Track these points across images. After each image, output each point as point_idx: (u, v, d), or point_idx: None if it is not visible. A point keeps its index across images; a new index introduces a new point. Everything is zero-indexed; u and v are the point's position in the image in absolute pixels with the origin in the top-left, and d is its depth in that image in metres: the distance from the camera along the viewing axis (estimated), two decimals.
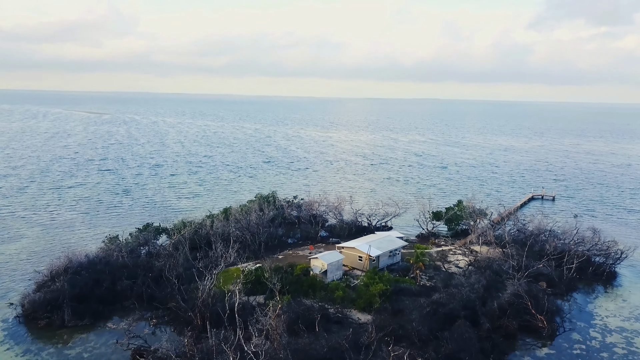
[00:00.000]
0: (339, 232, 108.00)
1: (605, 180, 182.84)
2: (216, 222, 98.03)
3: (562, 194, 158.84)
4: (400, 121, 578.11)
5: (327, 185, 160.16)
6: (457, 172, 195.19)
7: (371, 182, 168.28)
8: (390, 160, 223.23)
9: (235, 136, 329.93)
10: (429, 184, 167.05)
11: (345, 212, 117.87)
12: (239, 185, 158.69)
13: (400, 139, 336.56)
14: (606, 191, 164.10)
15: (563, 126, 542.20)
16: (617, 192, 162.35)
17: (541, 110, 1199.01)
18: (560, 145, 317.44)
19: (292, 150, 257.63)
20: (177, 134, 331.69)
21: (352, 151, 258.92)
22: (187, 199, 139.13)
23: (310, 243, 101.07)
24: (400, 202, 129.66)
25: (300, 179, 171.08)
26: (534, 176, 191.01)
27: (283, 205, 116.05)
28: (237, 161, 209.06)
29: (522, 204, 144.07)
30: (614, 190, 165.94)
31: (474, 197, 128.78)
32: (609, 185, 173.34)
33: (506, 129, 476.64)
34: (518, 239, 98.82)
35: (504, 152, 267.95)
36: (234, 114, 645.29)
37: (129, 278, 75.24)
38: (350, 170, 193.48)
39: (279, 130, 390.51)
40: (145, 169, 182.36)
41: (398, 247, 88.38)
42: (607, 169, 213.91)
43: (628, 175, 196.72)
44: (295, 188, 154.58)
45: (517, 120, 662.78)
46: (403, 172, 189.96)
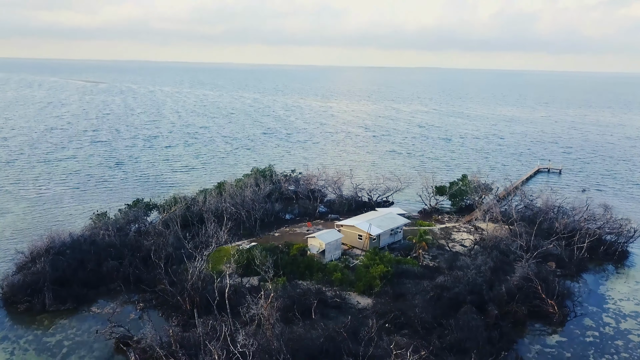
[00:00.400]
0: (338, 208, 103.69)
1: (614, 153, 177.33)
2: (209, 198, 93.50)
3: (569, 167, 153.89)
4: (402, 91, 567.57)
5: (326, 159, 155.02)
6: (462, 144, 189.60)
7: (372, 155, 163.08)
8: (392, 132, 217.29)
9: (234, 106, 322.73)
10: (432, 157, 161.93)
11: (345, 187, 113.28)
12: (236, 158, 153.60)
13: (402, 109, 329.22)
14: (615, 164, 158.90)
15: (568, 96, 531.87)
16: (627, 166, 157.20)
17: (545, 79, 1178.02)
18: (565, 115, 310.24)
19: (291, 121, 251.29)
20: (174, 104, 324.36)
21: (353, 122, 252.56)
22: (182, 172, 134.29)
23: (308, 220, 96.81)
24: (403, 176, 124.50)
25: (299, 152, 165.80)
26: (539, 148, 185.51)
27: (280, 179, 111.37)
28: (234, 132, 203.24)
29: (528, 178, 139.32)
30: (623, 163, 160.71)
31: (479, 171, 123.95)
32: (618, 158, 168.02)
33: (510, 99, 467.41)
34: (525, 215, 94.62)
35: (509, 123, 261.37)
36: (233, 83, 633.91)
37: (115, 258, 71.17)
38: (351, 142, 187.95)
39: (278, 100, 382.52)
40: (140, 141, 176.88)
41: (399, 225, 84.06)
42: (615, 141, 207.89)
43: (638, 148, 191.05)
44: (294, 161, 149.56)
45: (521, 89, 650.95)
46: (406, 145, 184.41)
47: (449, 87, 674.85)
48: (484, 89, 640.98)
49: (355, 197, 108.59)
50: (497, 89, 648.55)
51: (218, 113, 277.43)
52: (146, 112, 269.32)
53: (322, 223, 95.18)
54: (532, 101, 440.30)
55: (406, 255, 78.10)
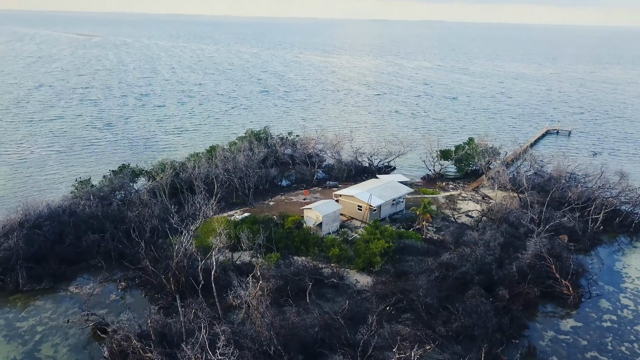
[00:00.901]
0: (337, 174, 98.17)
1: (626, 113, 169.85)
2: (199, 163, 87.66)
3: (579, 129, 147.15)
4: (405, 45, 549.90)
5: (326, 120, 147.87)
6: (468, 103, 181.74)
7: (374, 116, 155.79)
8: (395, 90, 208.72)
9: (231, 61, 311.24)
10: (437, 118, 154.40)
11: (345, 151, 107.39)
12: (231, 119, 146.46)
13: (405, 65, 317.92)
14: (628, 126, 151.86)
15: (576, 51, 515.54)
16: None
17: (552, 33, 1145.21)
18: (574, 72, 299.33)
19: (289, 77, 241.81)
20: (169, 59, 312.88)
21: (354, 79, 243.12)
22: (174, 134, 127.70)
23: (305, 187, 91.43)
24: (405, 139, 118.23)
25: (297, 112, 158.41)
26: (548, 108, 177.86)
27: (276, 143, 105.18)
28: (230, 90, 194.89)
29: (536, 140, 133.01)
30: (637, 124, 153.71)
31: (486, 134, 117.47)
32: (631, 119, 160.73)
33: (515, 54, 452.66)
34: (535, 183, 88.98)
35: (515, 80, 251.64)
36: (231, 37, 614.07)
37: (97, 232, 66.28)
38: (352, 101, 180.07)
39: (277, 55, 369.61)
40: (131, 99, 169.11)
41: (402, 194, 78.64)
42: (627, 100, 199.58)
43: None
44: (292, 122, 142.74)
45: (527, 44, 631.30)
46: (409, 104, 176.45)
47: (452, 42, 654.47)
48: (489, 44, 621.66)
49: (355, 162, 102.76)
50: (503, 44, 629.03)
51: (214, 69, 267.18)
52: (140, 68, 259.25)
53: (320, 191, 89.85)
54: (538, 56, 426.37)
55: (409, 227, 73.21)
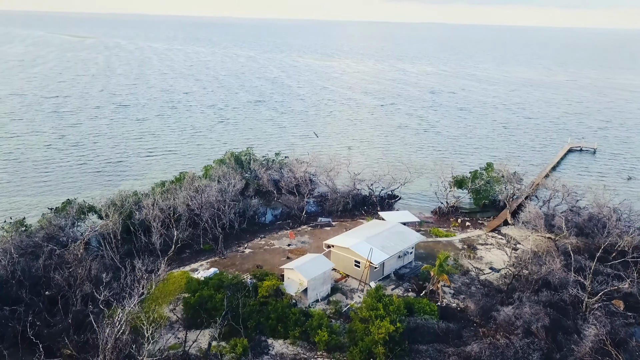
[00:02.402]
0: (331, 207, 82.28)
1: None
2: (160, 198, 71.79)
3: (604, 145, 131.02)
4: (408, 48, 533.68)
5: (321, 137, 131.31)
6: (481, 116, 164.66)
7: (377, 132, 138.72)
8: (400, 99, 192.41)
9: (225, 66, 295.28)
10: (447, 135, 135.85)
11: (341, 177, 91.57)
12: (216, 136, 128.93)
13: (409, 70, 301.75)
14: None
15: (584, 55, 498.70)
16: None
17: (557, 36, 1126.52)
18: (587, 79, 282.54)
19: (286, 84, 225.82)
20: (161, 63, 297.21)
21: (356, 86, 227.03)
22: (147, 157, 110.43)
23: (290, 228, 75.37)
24: (412, 163, 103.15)
25: (290, 127, 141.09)
26: (567, 120, 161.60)
27: (259, 168, 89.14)
28: (221, 100, 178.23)
29: (560, 159, 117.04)
30: None
31: (507, 157, 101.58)
32: None
33: (522, 58, 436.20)
34: (572, 223, 72.90)
35: (528, 88, 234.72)
36: (229, 39, 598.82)
37: (10, 302, 50.40)
38: (352, 113, 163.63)
39: (275, 59, 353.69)
40: (108, 111, 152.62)
41: (411, 244, 62.63)
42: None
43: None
44: (283, 139, 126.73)
45: (533, 48, 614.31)
46: (416, 117, 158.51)
47: (456, 45, 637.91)
48: (493, 47, 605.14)
49: (353, 190, 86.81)
50: (508, 47, 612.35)
51: (207, 75, 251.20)
52: (127, 73, 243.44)
53: (309, 231, 73.86)
54: (547, 60, 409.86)
55: (420, 289, 57.35)
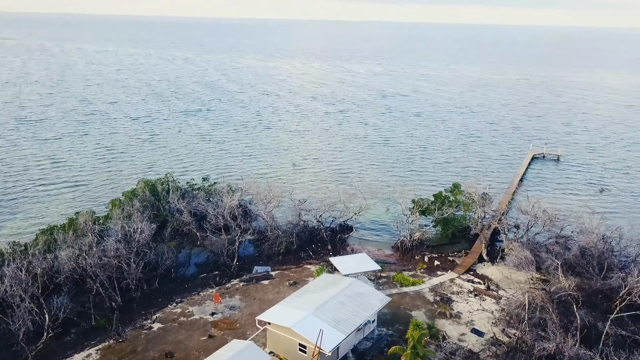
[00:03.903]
0: (271, 249, 66.41)
1: (616, 129, 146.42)
2: (37, 254, 53.41)
3: (567, 151, 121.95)
4: (356, 48, 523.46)
5: (263, 154, 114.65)
6: (438, 121, 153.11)
7: (326, 145, 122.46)
8: (351, 105, 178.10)
9: (160, 69, 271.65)
10: (403, 146, 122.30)
11: (284, 208, 76.26)
12: (141, 157, 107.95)
13: (357, 71, 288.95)
14: (626, 146, 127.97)
15: (535, 53, 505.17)
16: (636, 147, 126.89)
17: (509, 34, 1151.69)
18: (538, 77, 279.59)
19: (226, 89, 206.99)
20: (87, 68, 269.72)
21: (303, 89, 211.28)
22: (44, 194, 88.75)
23: (216, 284, 58.64)
24: (367, 185, 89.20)
25: (228, 143, 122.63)
26: (526, 124, 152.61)
27: (181, 198, 71.79)
28: (149, 111, 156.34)
29: (525, 170, 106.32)
30: (635, 143, 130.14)
31: (473, 175, 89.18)
32: (622, 136, 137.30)
33: (473, 57, 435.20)
34: (560, 257, 60.45)
35: (483, 89, 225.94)
36: (168, 40, 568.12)
37: None
38: (297, 123, 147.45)
39: (215, 60, 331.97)
40: (5, 130, 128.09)
41: (373, 311, 47.60)
42: (613, 110, 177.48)
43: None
44: (219, 159, 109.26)
45: (485, 46, 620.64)
46: (369, 126, 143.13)
47: (405, 44, 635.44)
48: (444, 46, 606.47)
49: (299, 224, 71.30)
50: (458, 46, 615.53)
51: (138, 80, 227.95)
52: (44, 80, 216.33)
53: (241, 289, 57.50)
54: (498, 59, 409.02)
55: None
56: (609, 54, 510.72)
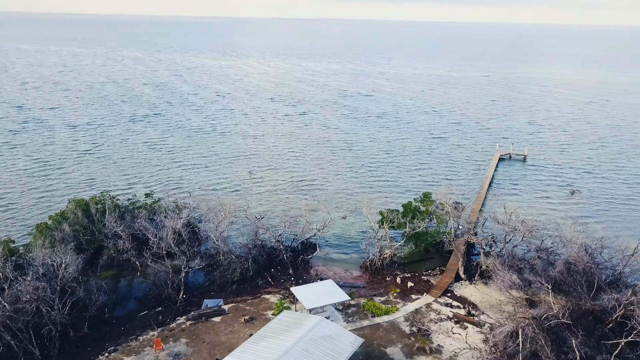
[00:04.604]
0: (223, 277, 58.25)
1: (580, 126, 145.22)
2: None
3: (533, 150, 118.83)
4: (314, 45, 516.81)
5: (214, 166, 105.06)
6: (403, 123, 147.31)
7: (286, 151, 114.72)
8: (311, 106, 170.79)
9: (106, 70, 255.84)
10: (368, 152, 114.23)
11: (239, 224, 68.32)
12: (77, 174, 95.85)
13: (316, 69, 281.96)
14: (589, 143, 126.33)
15: (492, 49, 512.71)
16: (609, 144, 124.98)
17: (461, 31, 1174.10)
18: (500, 74, 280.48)
19: (178, 91, 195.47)
20: (25, 70, 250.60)
21: (259, 90, 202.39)
22: None
23: (158, 326, 49.94)
24: (331, 196, 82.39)
25: (179, 152, 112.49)
26: (491, 123, 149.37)
27: (119, 219, 62.43)
28: (92, 118, 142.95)
29: (493, 172, 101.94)
30: (600, 140, 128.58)
31: (443, 181, 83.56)
32: (586, 134, 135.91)
33: (431, 54, 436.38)
34: (545, 276, 55.26)
35: (445, 87, 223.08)
36: (117, 39, 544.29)
37: None
38: (255, 127, 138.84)
39: (166, 60, 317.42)
40: None
41: (345, 358, 40.27)
42: (575, 106, 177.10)
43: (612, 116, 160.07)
44: (168, 171, 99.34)
45: (442, 43, 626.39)
46: (330, 129, 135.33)
47: (364, 41, 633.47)
48: (403, 43, 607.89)
49: (256, 244, 63.39)
50: (417, 43, 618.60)
51: (81, 82, 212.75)
52: None
53: (188, 331, 49.04)
54: (454, 55, 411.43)
55: None
56: (563, 50, 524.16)
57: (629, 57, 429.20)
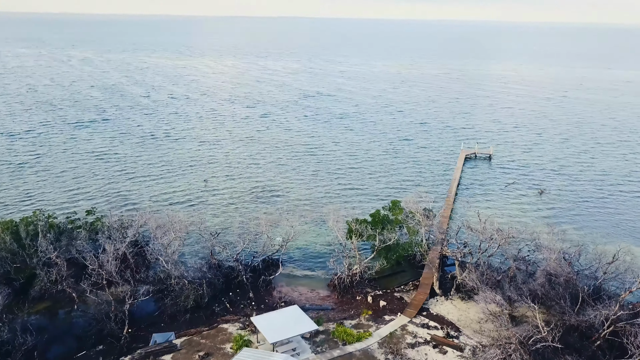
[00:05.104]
0: (174, 306, 51.73)
1: (542, 123, 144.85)
2: None
3: (498, 149, 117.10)
4: (270, 44, 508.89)
5: (166, 176, 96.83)
6: (368, 124, 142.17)
7: (244, 157, 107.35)
8: (270, 108, 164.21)
9: (52, 72, 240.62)
10: (331, 157, 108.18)
11: (192, 242, 61.92)
12: (12, 190, 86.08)
13: (274, 68, 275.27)
14: (549, 139, 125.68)
15: (448, 47, 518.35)
16: (572, 141, 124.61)
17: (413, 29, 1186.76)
18: (458, 71, 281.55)
19: (129, 93, 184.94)
20: None
21: (216, 91, 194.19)
22: None
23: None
24: (294, 208, 76.99)
25: (128, 163, 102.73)
26: (454, 121, 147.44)
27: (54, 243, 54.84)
28: (32, 125, 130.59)
29: (460, 174, 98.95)
30: (562, 137, 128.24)
31: (413, 186, 79.54)
32: (548, 131, 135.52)
33: (390, 51, 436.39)
34: (525, 289, 51.78)
35: (405, 85, 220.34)
36: (66, 38, 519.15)
37: None
38: (211, 133, 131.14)
39: (117, 60, 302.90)
40: None
41: None
42: (535, 102, 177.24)
43: (571, 113, 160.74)
44: (107, 188, 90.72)
45: (399, 41, 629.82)
46: (292, 132, 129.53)
47: (322, 40, 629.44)
48: (360, 41, 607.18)
49: (211, 266, 57.23)
50: (371, 41, 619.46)
51: (22, 86, 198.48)
52: None
53: None
54: (415, 53, 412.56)
55: None
56: (518, 46, 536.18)
57: (579, 53, 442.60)
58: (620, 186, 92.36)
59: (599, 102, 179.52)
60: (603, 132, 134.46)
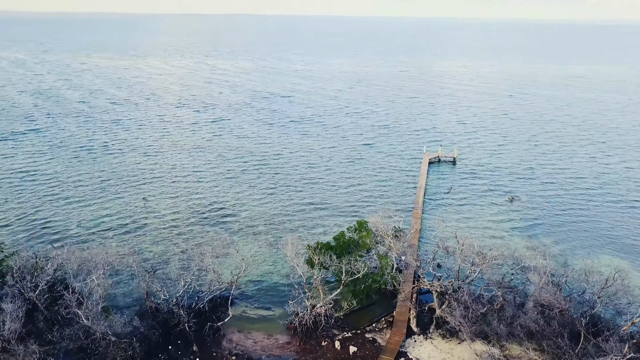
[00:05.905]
0: None
1: (504, 122, 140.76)
2: None
3: (462, 151, 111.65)
4: (219, 42, 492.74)
5: (100, 196, 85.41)
6: (327, 128, 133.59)
7: (191, 176, 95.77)
8: (221, 112, 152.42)
9: None
10: (289, 168, 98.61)
11: (123, 281, 51.91)
12: None
13: (225, 67, 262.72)
14: (513, 138, 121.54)
15: (398, 43, 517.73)
16: (537, 142, 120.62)
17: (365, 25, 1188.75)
18: (415, 68, 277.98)
19: (64, 99, 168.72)
20: None
21: (164, 94, 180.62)
22: None
23: None
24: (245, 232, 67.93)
25: (58, 182, 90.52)
26: (415, 122, 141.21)
27: None
28: None
29: (426, 181, 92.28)
30: (528, 137, 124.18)
31: (379, 201, 71.78)
32: (511, 131, 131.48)
33: (342, 48, 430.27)
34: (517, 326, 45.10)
35: (362, 85, 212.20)
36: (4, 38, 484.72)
37: None
38: (157, 143, 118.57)
39: (53, 61, 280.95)
40: None
41: None
42: (496, 100, 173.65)
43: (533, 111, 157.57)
44: (31, 215, 78.61)
45: (349, 38, 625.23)
46: (246, 141, 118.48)
47: (274, 37, 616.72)
48: (311, 38, 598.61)
49: (145, 314, 47.48)
50: (323, 39, 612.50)
51: None
52: None
53: None
54: (371, 50, 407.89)
55: None
56: (470, 43, 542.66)
57: (531, 48, 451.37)
58: (592, 190, 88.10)
59: (555, 99, 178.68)
60: (565, 130, 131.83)
